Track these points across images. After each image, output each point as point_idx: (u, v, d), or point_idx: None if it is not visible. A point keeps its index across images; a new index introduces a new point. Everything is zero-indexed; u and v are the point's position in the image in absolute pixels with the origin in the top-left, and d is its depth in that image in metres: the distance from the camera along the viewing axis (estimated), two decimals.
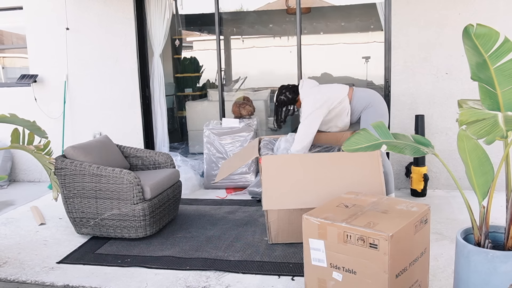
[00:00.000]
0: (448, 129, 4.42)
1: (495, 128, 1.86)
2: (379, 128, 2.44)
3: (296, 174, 3.26)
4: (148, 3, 5.14)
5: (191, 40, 8.44)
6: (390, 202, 2.48)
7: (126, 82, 5.18)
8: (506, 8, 4.13)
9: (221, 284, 2.80)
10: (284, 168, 3.29)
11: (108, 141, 3.94)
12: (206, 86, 7.58)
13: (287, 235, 3.30)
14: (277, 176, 3.28)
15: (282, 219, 3.26)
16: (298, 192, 3.23)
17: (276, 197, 3.24)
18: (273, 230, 3.29)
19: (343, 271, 2.21)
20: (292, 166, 3.29)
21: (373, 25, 8.09)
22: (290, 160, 3.31)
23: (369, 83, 8.40)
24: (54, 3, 5.19)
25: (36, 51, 5.37)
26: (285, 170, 3.28)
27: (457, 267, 2.19)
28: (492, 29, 1.94)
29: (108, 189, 3.40)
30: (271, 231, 3.30)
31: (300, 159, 3.30)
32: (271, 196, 3.25)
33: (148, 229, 3.45)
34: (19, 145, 2.90)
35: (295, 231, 3.28)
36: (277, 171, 3.29)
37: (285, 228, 3.28)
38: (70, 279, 2.93)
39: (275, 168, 3.30)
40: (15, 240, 3.67)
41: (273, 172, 3.29)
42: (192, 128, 5.82)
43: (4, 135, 5.35)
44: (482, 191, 2.13)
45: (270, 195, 3.25)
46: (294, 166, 3.28)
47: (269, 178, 3.28)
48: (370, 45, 8.09)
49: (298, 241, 3.31)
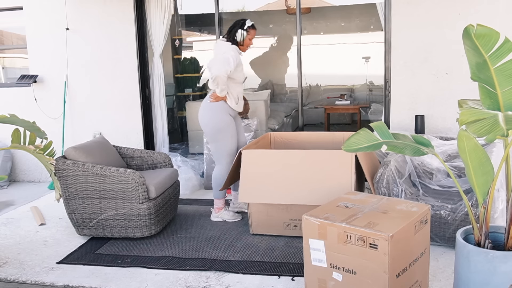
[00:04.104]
0: (448, 129, 4.42)
1: (496, 127, 1.87)
2: (379, 128, 2.44)
3: (274, 169, 3.37)
4: (148, 3, 5.14)
5: (191, 40, 8.43)
6: (390, 202, 2.48)
7: (126, 82, 5.18)
8: (506, 8, 4.13)
9: (221, 284, 2.80)
10: (263, 162, 3.41)
11: (105, 141, 3.94)
12: (206, 86, 7.58)
13: (267, 227, 3.47)
14: (255, 170, 3.41)
15: (262, 212, 3.43)
16: (273, 187, 3.36)
17: (252, 190, 3.40)
18: (253, 221, 3.48)
19: (343, 271, 2.21)
20: (271, 161, 3.40)
21: (373, 25, 8.09)
22: (269, 155, 3.44)
23: (369, 83, 8.40)
24: (54, 3, 5.19)
25: (36, 51, 5.37)
26: (263, 164, 3.41)
27: (457, 267, 2.19)
28: (492, 30, 1.94)
29: (112, 189, 3.41)
30: (252, 222, 3.48)
31: (279, 154, 3.40)
32: (247, 189, 3.40)
33: (152, 228, 3.46)
34: (19, 145, 2.89)
35: (274, 224, 3.44)
36: (256, 165, 3.42)
37: (264, 220, 3.45)
38: (70, 279, 2.93)
39: (254, 162, 3.43)
40: (15, 240, 3.67)
41: (252, 165, 3.42)
42: (192, 129, 5.81)
43: (4, 135, 5.34)
44: (482, 191, 2.13)
45: (246, 188, 3.41)
46: (273, 161, 3.40)
47: (247, 171, 3.42)
48: (370, 45, 8.09)
49: (278, 234, 3.45)
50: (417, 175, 3.55)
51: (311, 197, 3.27)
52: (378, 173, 3.34)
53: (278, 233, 3.45)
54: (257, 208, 3.44)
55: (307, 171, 3.31)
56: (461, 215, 2.99)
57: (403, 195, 3.20)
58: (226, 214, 3.85)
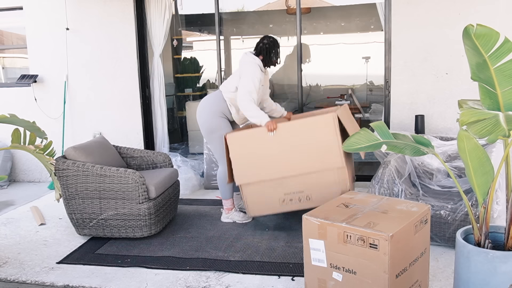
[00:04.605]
0: (448, 129, 4.42)
1: (497, 128, 1.87)
2: (379, 128, 2.44)
3: (261, 146, 3.40)
4: (148, 3, 5.14)
5: (191, 40, 8.43)
6: (390, 202, 2.48)
7: (126, 82, 5.18)
8: (506, 8, 4.13)
9: (221, 284, 2.80)
10: (249, 142, 3.44)
11: (105, 141, 3.94)
12: (206, 86, 7.58)
13: (263, 206, 3.49)
14: (243, 151, 3.45)
15: (255, 192, 3.47)
16: (264, 163, 3.40)
17: (246, 171, 3.43)
18: (249, 204, 3.51)
19: (343, 271, 2.21)
20: (256, 139, 3.42)
21: (373, 25, 8.09)
22: (253, 134, 3.45)
23: (369, 83, 8.40)
24: (54, 3, 5.19)
25: (36, 51, 5.37)
26: (249, 144, 3.44)
27: (457, 267, 2.19)
28: (492, 30, 1.94)
29: (112, 189, 3.41)
30: (248, 205, 3.51)
31: (262, 130, 3.41)
32: (241, 171, 3.44)
33: (152, 228, 3.46)
34: (19, 145, 2.89)
35: (269, 202, 3.47)
36: (243, 146, 3.45)
37: (259, 200, 3.48)
38: (70, 279, 2.93)
39: (240, 144, 3.46)
40: (15, 240, 3.67)
41: (239, 147, 3.46)
42: (192, 128, 5.81)
43: (4, 135, 5.34)
44: (482, 191, 2.13)
45: (240, 170, 3.45)
46: (258, 139, 3.42)
47: (236, 154, 3.46)
48: (370, 45, 8.08)
49: (274, 212, 3.50)
50: (417, 175, 3.56)
51: (302, 165, 3.32)
52: (378, 173, 3.34)
53: (276, 210, 3.47)
54: (250, 190, 3.46)
55: (293, 141, 3.34)
56: (461, 215, 2.99)
57: (403, 195, 3.21)
58: (236, 216, 3.83)
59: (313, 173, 3.33)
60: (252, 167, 3.42)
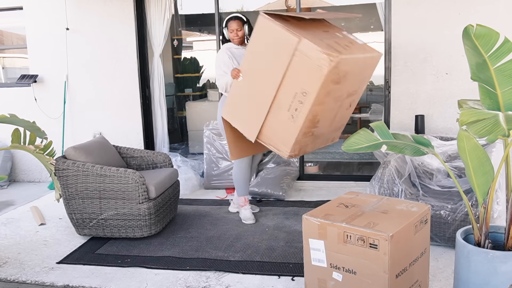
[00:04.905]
0: (448, 129, 4.42)
1: (497, 127, 1.87)
2: (379, 128, 2.44)
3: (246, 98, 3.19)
4: (148, 3, 5.14)
5: (191, 40, 8.43)
6: (390, 202, 2.48)
7: (126, 82, 5.18)
8: (506, 8, 4.13)
9: (221, 284, 2.80)
10: (237, 104, 3.25)
11: (105, 141, 3.94)
12: (206, 86, 7.58)
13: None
14: (237, 112, 3.25)
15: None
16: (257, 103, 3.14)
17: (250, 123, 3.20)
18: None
19: (343, 271, 2.22)
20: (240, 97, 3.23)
21: (373, 25, 8.09)
22: (234, 95, 3.28)
23: (369, 83, 8.39)
24: (54, 3, 5.19)
25: (36, 51, 5.37)
26: (238, 105, 3.24)
27: (457, 267, 2.19)
28: (492, 30, 1.94)
29: (112, 189, 3.41)
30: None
31: (237, 87, 3.24)
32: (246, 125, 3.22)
33: (152, 228, 3.46)
34: (19, 145, 2.89)
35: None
36: (235, 110, 3.26)
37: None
38: (70, 279, 2.94)
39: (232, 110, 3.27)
40: (15, 240, 3.67)
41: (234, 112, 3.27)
42: (192, 128, 5.82)
43: (4, 135, 5.34)
44: (482, 191, 2.13)
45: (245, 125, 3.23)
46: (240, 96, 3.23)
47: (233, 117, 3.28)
48: (370, 45, 8.07)
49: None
50: (417, 176, 3.55)
51: (275, 79, 3.05)
52: (378, 173, 3.33)
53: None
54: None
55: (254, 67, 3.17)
56: (461, 215, 2.99)
57: (403, 195, 3.21)
58: (244, 213, 3.83)
59: (285, 74, 3.01)
60: (251, 115, 3.20)
